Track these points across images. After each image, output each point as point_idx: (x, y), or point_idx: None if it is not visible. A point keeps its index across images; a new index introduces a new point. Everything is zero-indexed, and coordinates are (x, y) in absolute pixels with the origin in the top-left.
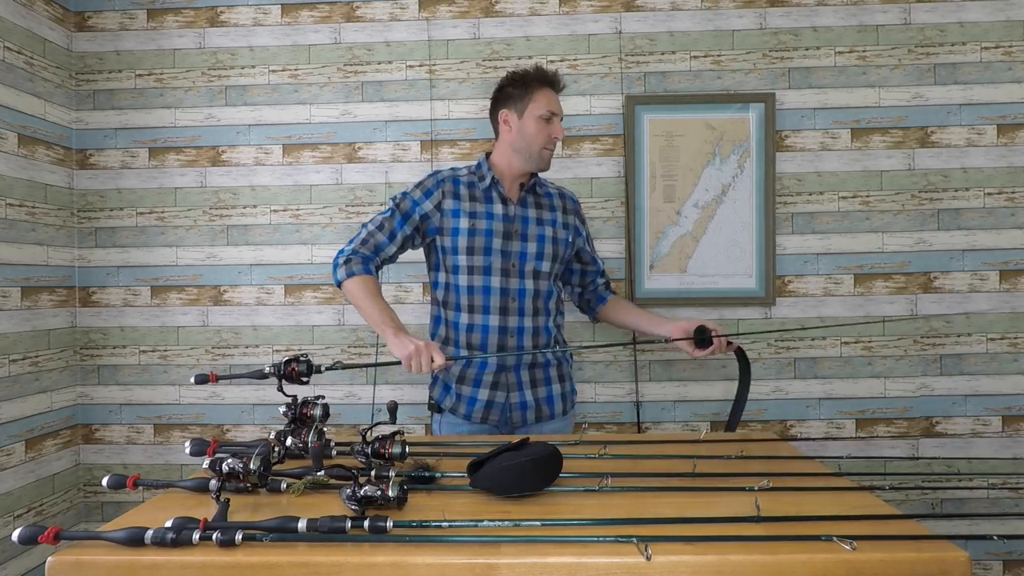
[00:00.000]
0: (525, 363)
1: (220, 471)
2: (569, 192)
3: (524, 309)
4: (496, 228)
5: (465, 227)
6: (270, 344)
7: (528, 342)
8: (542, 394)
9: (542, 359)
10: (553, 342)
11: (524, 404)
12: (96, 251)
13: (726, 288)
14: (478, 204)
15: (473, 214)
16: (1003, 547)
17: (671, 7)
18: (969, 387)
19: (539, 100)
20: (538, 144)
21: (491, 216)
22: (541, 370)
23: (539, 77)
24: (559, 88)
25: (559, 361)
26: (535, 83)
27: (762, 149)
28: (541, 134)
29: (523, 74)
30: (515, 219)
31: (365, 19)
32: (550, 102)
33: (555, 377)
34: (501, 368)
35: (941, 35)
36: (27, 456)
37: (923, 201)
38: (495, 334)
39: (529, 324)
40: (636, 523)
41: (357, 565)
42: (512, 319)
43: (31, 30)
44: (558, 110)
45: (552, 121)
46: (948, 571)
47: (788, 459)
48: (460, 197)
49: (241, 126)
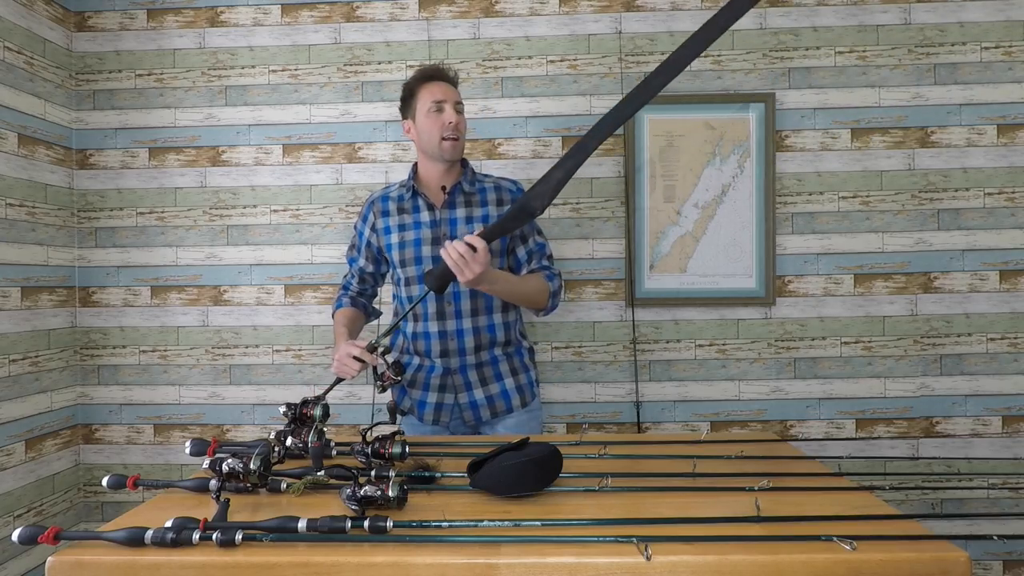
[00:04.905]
0: (471, 364)
1: (220, 471)
2: (508, 182)
3: (461, 311)
4: (424, 235)
5: (396, 241)
6: (270, 344)
7: (470, 342)
8: (495, 391)
9: (487, 356)
10: (505, 338)
11: (474, 403)
12: (96, 251)
13: (726, 288)
14: (406, 216)
15: (402, 226)
16: (1003, 547)
17: (671, 7)
18: (969, 387)
19: (423, 96)
20: (435, 136)
21: (418, 225)
22: (489, 368)
23: (419, 76)
24: (446, 78)
25: (507, 356)
26: (416, 83)
27: (762, 149)
28: (434, 126)
29: (407, 81)
30: (441, 223)
31: (365, 19)
32: (434, 93)
33: (506, 372)
34: (447, 371)
35: (941, 35)
36: (27, 456)
37: (923, 201)
38: (436, 339)
39: (468, 325)
40: (636, 523)
41: (357, 565)
42: (450, 322)
43: (31, 30)
44: (446, 97)
45: (442, 109)
46: (948, 571)
47: (788, 459)
48: (389, 213)
49: (241, 126)
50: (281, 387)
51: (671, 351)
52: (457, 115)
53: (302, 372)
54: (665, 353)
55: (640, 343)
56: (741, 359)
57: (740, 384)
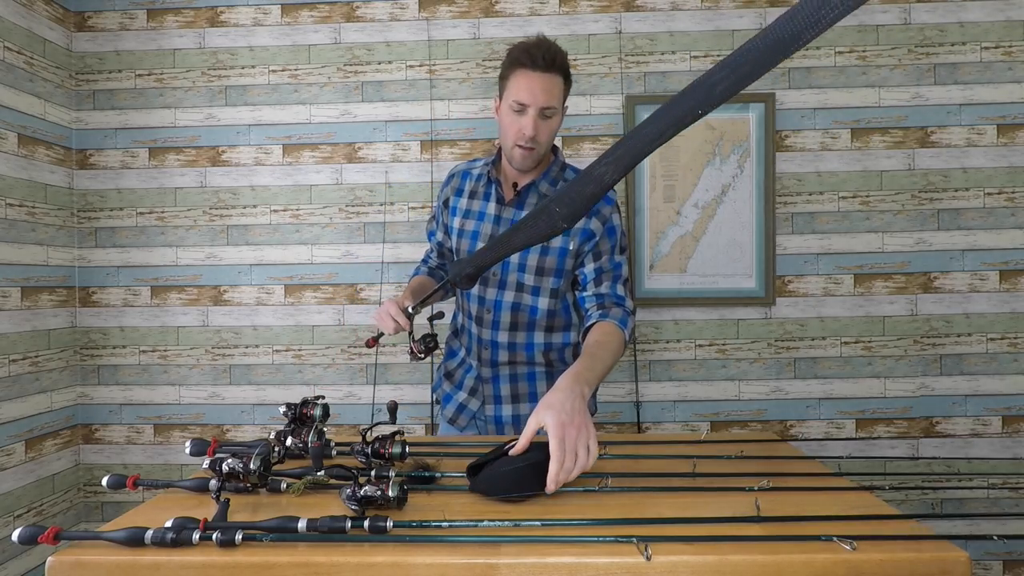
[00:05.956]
0: (504, 376)
1: (220, 471)
2: None
3: (499, 323)
4: (483, 230)
5: (457, 226)
6: (270, 344)
7: (503, 356)
8: (524, 411)
9: (525, 371)
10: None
11: (499, 419)
12: (96, 251)
13: (726, 288)
14: (475, 202)
15: (467, 213)
16: (1003, 547)
17: (671, 7)
18: (969, 387)
19: (511, 86)
20: (509, 139)
21: (482, 217)
22: (525, 384)
23: (516, 56)
24: (543, 66)
25: (549, 375)
26: (510, 66)
27: (762, 149)
28: (511, 128)
29: (508, 52)
30: (503, 223)
31: (365, 19)
32: (521, 89)
33: (542, 393)
34: (480, 378)
35: (941, 35)
36: (27, 456)
37: (923, 201)
38: (475, 343)
39: (504, 339)
40: (636, 523)
41: (357, 565)
42: (486, 331)
43: (31, 30)
44: (533, 99)
45: (524, 113)
46: (948, 571)
47: (788, 459)
48: (462, 193)
49: (241, 126)
50: (281, 387)
51: (671, 351)
52: (539, 123)
53: (302, 372)
54: (665, 353)
55: (640, 343)
56: (741, 359)
57: (740, 384)
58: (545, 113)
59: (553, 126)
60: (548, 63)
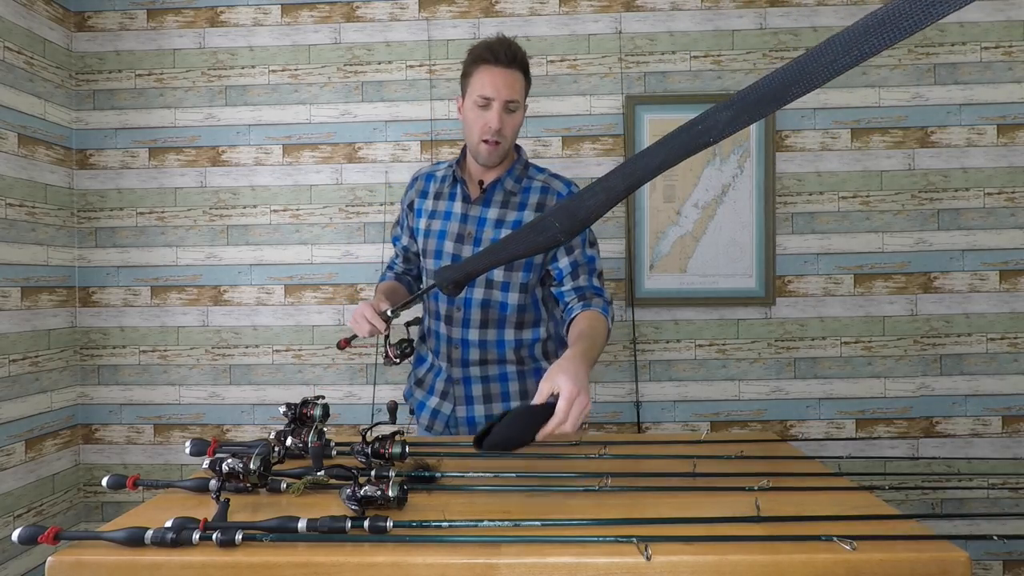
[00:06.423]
0: (475, 376)
1: (220, 471)
2: (560, 183)
3: (470, 320)
4: (450, 229)
5: (423, 227)
6: (270, 344)
7: (474, 355)
8: (498, 411)
9: (496, 371)
10: (517, 356)
11: (472, 420)
12: (96, 251)
13: (726, 288)
14: (441, 202)
15: (433, 213)
16: (1003, 547)
17: (671, 7)
18: (969, 387)
19: (474, 82)
20: (474, 135)
21: (448, 216)
22: (497, 384)
23: (477, 54)
24: (505, 61)
25: (521, 374)
26: (472, 63)
27: (762, 149)
28: (476, 123)
29: (469, 51)
30: (470, 220)
31: (365, 19)
32: (484, 85)
33: (515, 393)
34: (451, 379)
35: (941, 35)
36: (27, 456)
37: (923, 201)
38: (444, 343)
39: (475, 337)
40: (636, 523)
41: (357, 565)
42: (456, 330)
43: (31, 30)
44: (496, 93)
45: (489, 107)
46: (948, 571)
47: (788, 459)
48: (427, 195)
49: (241, 126)
50: (281, 387)
51: (671, 351)
52: (504, 117)
53: (302, 372)
54: (665, 353)
55: (640, 343)
56: (741, 359)
57: (740, 384)
58: (509, 107)
59: (516, 121)
60: (510, 59)
